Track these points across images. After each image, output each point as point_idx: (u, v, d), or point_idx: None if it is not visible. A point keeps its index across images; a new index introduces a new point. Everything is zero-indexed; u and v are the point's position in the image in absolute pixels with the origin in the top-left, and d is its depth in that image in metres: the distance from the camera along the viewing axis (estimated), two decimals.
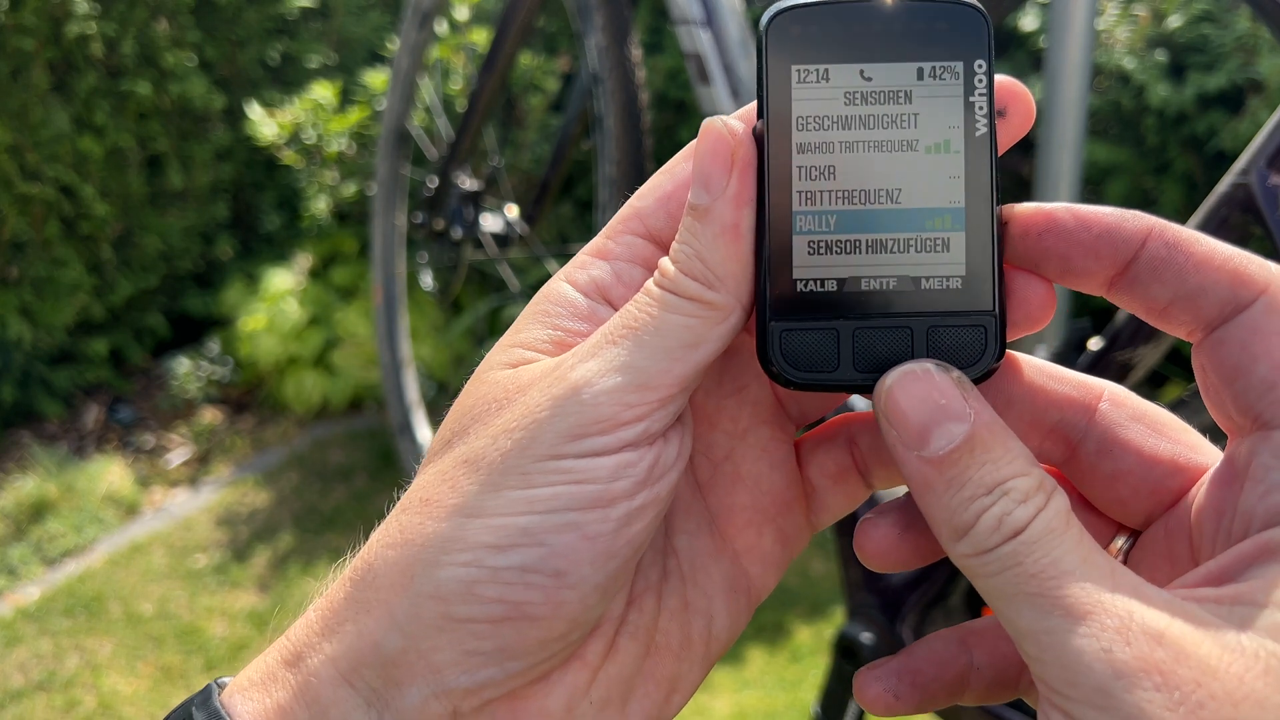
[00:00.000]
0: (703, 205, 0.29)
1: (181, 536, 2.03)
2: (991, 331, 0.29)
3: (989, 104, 0.29)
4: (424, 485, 0.29)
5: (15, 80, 2.21)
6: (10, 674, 1.66)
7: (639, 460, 0.28)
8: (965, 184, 0.29)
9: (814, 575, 1.84)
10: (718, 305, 0.29)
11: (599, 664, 0.30)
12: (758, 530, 0.33)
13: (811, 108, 0.29)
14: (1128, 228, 0.28)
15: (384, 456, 2.26)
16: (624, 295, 0.31)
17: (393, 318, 1.93)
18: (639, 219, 0.31)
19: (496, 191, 1.72)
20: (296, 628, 0.30)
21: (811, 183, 0.29)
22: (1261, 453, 0.27)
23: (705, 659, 0.32)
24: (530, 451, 0.28)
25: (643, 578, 0.32)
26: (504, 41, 1.47)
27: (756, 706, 1.55)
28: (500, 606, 0.27)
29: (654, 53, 2.34)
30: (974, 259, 0.29)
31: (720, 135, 0.29)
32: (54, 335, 2.38)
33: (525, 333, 0.31)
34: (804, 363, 0.29)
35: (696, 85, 1.05)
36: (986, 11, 0.30)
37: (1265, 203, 0.66)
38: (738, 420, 0.33)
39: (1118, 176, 2.05)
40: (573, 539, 0.27)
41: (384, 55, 2.55)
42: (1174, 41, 1.94)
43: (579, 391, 0.28)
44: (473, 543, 0.27)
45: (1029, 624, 0.25)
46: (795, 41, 0.29)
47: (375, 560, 0.29)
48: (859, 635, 0.88)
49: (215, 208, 2.64)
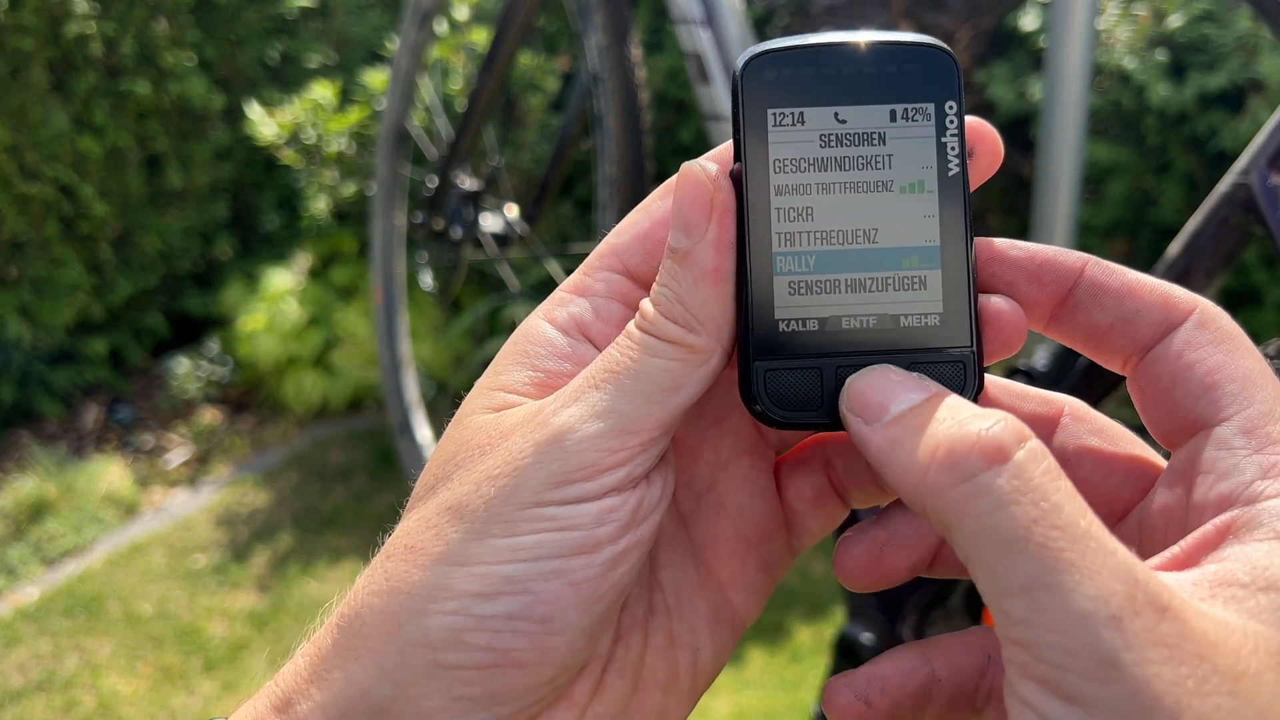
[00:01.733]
0: (682, 249, 0.29)
1: (181, 536, 2.03)
2: (970, 366, 0.30)
3: (960, 144, 0.30)
4: (409, 532, 0.29)
5: (15, 80, 2.21)
6: (10, 674, 1.66)
7: (622, 505, 0.28)
8: (940, 223, 0.30)
9: (814, 575, 1.84)
10: (699, 348, 0.29)
11: (586, 704, 0.30)
12: (741, 560, 0.33)
13: (788, 150, 0.30)
14: (1066, 258, 0.30)
15: (384, 456, 2.26)
16: (603, 332, 0.31)
17: (392, 318, 1.93)
18: (616, 256, 0.31)
19: (496, 191, 1.72)
20: (285, 673, 0.30)
21: (790, 224, 0.30)
22: (1205, 448, 0.27)
23: (692, 692, 0.33)
24: (514, 499, 0.28)
25: (628, 615, 0.32)
26: (504, 41, 1.47)
27: (756, 706, 1.55)
28: (488, 654, 0.27)
29: (654, 53, 2.34)
30: (950, 296, 0.30)
31: (699, 180, 0.29)
32: (53, 335, 2.38)
33: (506, 374, 0.31)
34: (788, 402, 0.30)
35: (696, 85, 1.05)
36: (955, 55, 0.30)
37: (1265, 203, 0.66)
38: (719, 451, 0.34)
39: (1118, 176, 2.05)
40: (558, 586, 0.28)
41: (384, 55, 2.55)
42: (1174, 41, 1.94)
43: (562, 438, 0.28)
44: (459, 591, 0.28)
45: (1023, 578, 0.23)
46: (770, 85, 0.30)
47: (362, 608, 0.29)
48: (859, 635, 0.88)
49: (215, 207, 2.64)
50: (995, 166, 0.31)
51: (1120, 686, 0.22)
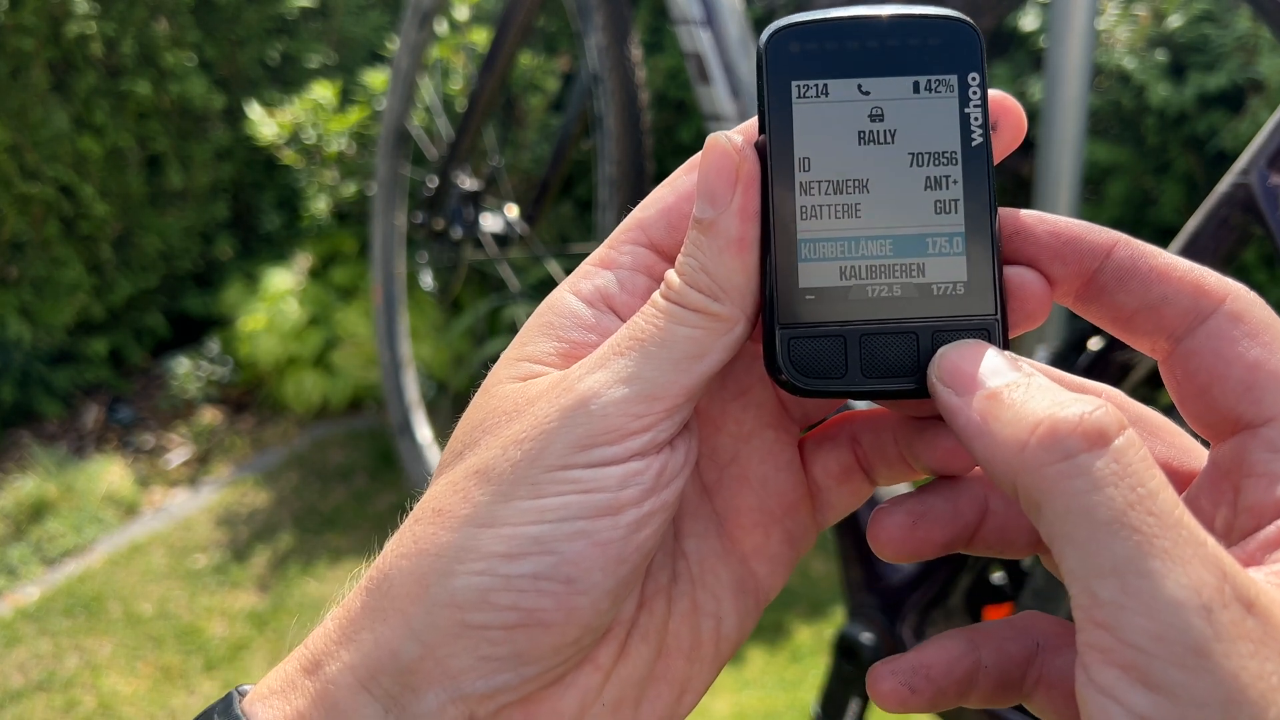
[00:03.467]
0: (708, 219, 0.30)
1: (181, 536, 2.03)
2: (995, 334, 0.30)
3: (984, 114, 0.30)
4: (436, 496, 0.30)
5: (15, 80, 2.21)
6: (10, 674, 1.66)
7: (646, 469, 0.29)
8: (964, 191, 0.30)
9: (814, 575, 1.84)
10: (723, 317, 0.29)
11: (611, 666, 0.31)
12: (765, 531, 0.34)
13: (812, 121, 0.30)
14: (1094, 236, 0.29)
15: (384, 456, 2.26)
16: (628, 303, 0.31)
17: (393, 318, 1.93)
18: (641, 229, 0.32)
19: (496, 191, 1.72)
20: (315, 636, 0.31)
21: (814, 195, 0.30)
22: (1253, 450, 0.27)
23: (715, 660, 0.33)
24: (540, 462, 0.28)
25: (653, 581, 0.32)
26: (504, 41, 1.47)
27: (756, 706, 1.55)
28: (514, 614, 0.28)
29: (654, 53, 2.34)
30: (975, 264, 0.30)
31: (725, 150, 0.30)
32: (54, 335, 2.38)
33: (531, 345, 0.31)
34: (812, 370, 0.30)
35: (696, 85, 1.05)
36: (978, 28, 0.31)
37: (1265, 203, 0.66)
38: (742, 424, 0.34)
39: (1118, 176, 2.05)
40: (583, 546, 0.28)
41: (384, 55, 2.55)
42: (1174, 41, 1.94)
43: (587, 403, 0.28)
44: (486, 552, 0.28)
45: (1116, 560, 0.23)
46: (794, 58, 0.30)
47: (390, 570, 0.30)
48: (859, 635, 0.88)
49: (215, 208, 2.64)
50: (1019, 140, 0.31)
51: (1209, 677, 0.22)
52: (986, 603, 0.88)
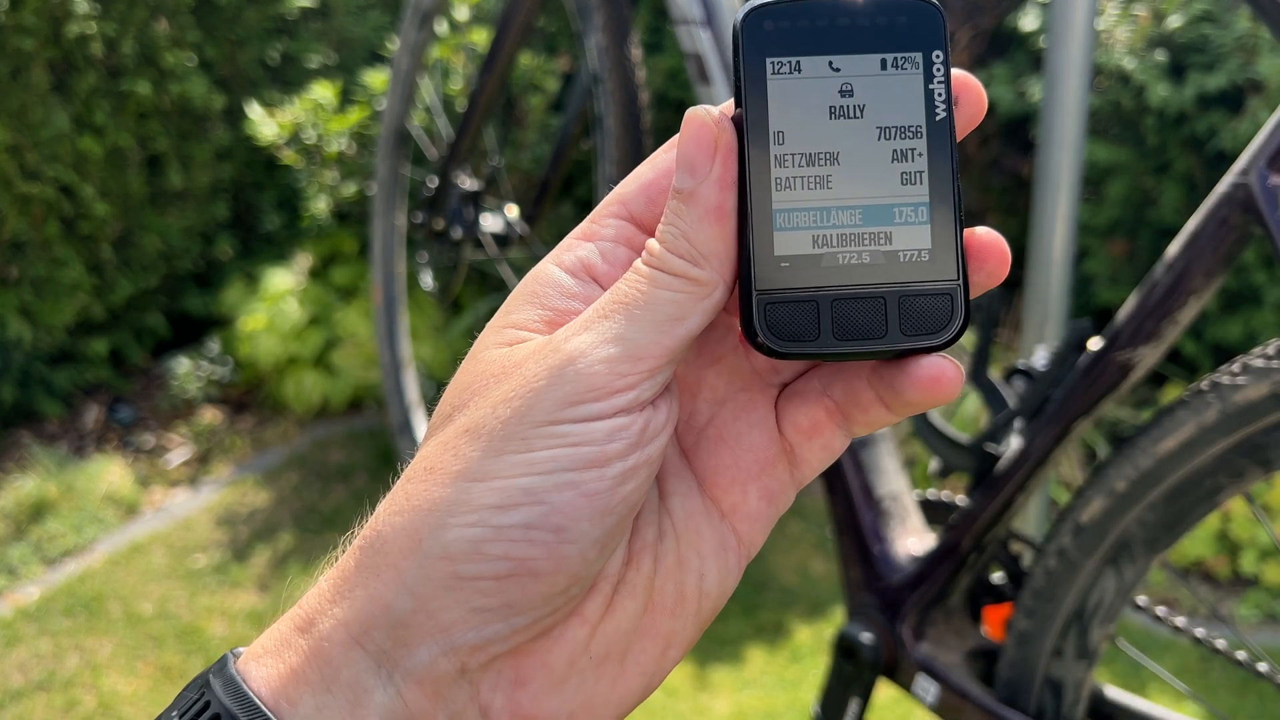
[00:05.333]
0: (688, 189, 0.31)
1: (181, 536, 2.03)
2: (957, 299, 0.32)
3: (947, 90, 0.32)
4: (427, 455, 0.31)
5: (15, 80, 2.21)
6: (10, 674, 1.66)
7: (631, 424, 0.30)
8: (929, 163, 0.32)
9: (814, 575, 1.84)
10: (703, 281, 0.31)
11: (598, 620, 0.32)
12: (742, 489, 0.35)
13: (786, 96, 0.32)
14: None
15: (384, 456, 2.26)
16: (609, 273, 0.33)
17: (393, 318, 1.93)
18: (621, 203, 0.34)
19: (496, 191, 1.72)
20: (308, 596, 0.32)
21: (788, 167, 0.31)
22: None
23: (698, 616, 0.34)
24: (529, 418, 0.30)
25: (639, 538, 0.33)
26: (504, 41, 1.47)
27: (756, 706, 1.55)
28: (505, 564, 0.29)
29: (654, 53, 2.34)
30: (939, 233, 0.32)
31: (703, 123, 0.31)
32: (54, 335, 2.38)
33: (517, 314, 0.33)
34: (787, 333, 0.31)
35: (696, 85, 1.05)
36: (941, 8, 0.32)
37: (1265, 203, 0.66)
38: (716, 389, 0.36)
39: (1118, 176, 2.05)
40: (572, 497, 0.29)
41: (384, 55, 2.55)
42: (1174, 41, 1.94)
43: (574, 361, 0.30)
44: (477, 504, 0.29)
45: None
46: (769, 36, 0.32)
47: (383, 527, 0.31)
48: (859, 635, 0.88)
49: (215, 208, 2.64)
50: (979, 117, 0.33)
51: None
52: (986, 602, 0.88)
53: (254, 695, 0.29)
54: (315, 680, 0.30)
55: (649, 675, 0.33)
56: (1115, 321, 0.76)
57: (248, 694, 0.29)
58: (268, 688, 0.30)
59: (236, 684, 0.30)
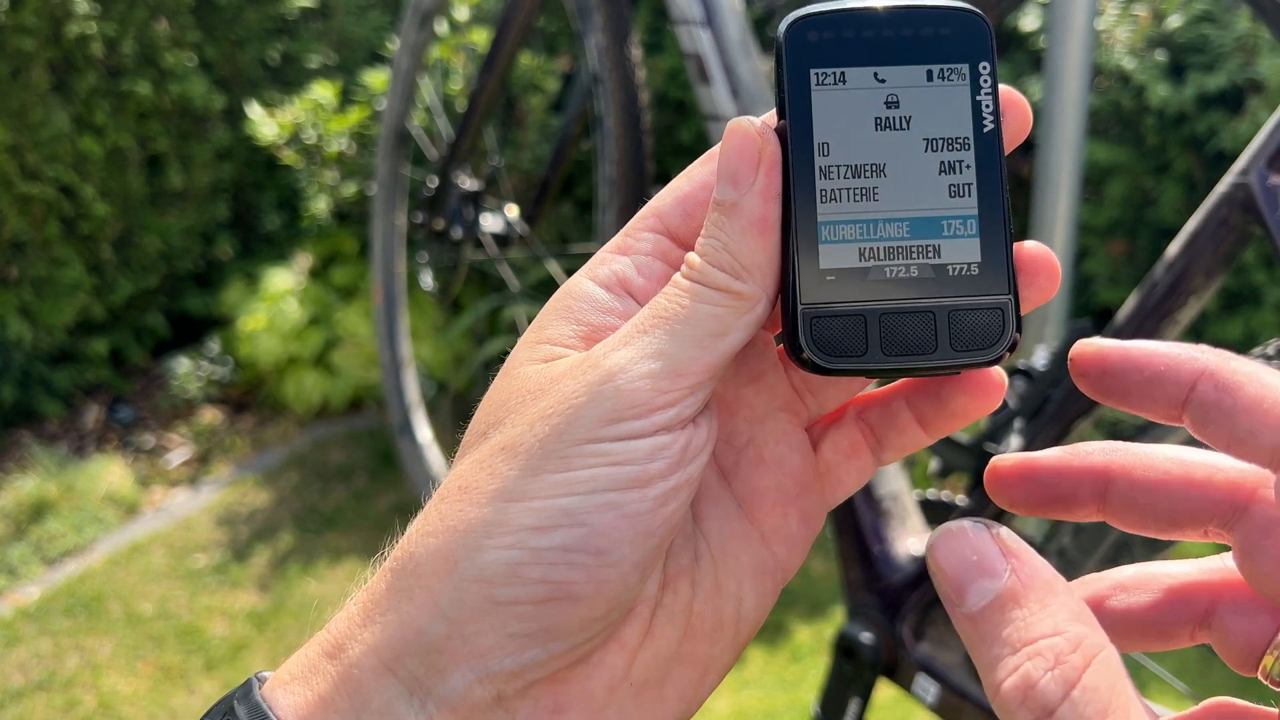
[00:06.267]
0: (730, 200, 0.30)
1: (181, 536, 2.03)
2: (1008, 313, 0.31)
3: (994, 102, 0.31)
4: (462, 474, 0.30)
5: (15, 80, 2.21)
6: (10, 674, 1.66)
7: (673, 443, 0.29)
8: (977, 175, 0.31)
9: (814, 575, 1.84)
10: (745, 295, 0.30)
11: (637, 646, 0.31)
12: (782, 512, 0.34)
13: (830, 108, 0.31)
14: (1179, 371, 0.28)
15: (384, 456, 2.26)
16: (645, 288, 0.32)
17: (393, 318, 1.93)
18: (657, 217, 0.32)
19: (496, 191, 1.72)
20: (337, 620, 0.31)
21: (833, 179, 0.31)
22: None
23: (735, 641, 0.33)
24: (568, 436, 0.28)
25: (675, 562, 0.32)
26: (504, 41, 1.47)
27: (756, 706, 1.55)
28: (544, 587, 0.28)
29: (654, 53, 2.34)
30: (989, 245, 0.31)
31: (747, 133, 0.30)
32: (54, 335, 2.38)
33: (551, 329, 0.32)
34: (833, 349, 0.31)
35: (696, 85, 1.05)
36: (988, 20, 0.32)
37: (1265, 203, 0.66)
38: (755, 408, 0.34)
39: (1118, 176, 2.05)
40: (613, 518, 0.28)
41: (384, 55, 2.55)
42: (1174, 41, 1.94)
43: (614, 377, 0.29)
44: (515, 525, 0.28)
45: None
46: (813, 47, 0.31)
47: (416, 549, 0.29)
48: (859, 635, 0.88)
49: (215, 208, 2.64)
50: (1024, 133, 0.32)
51: None
52: None
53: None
54: (345, 708, 0.29)
55: (688, 702, 0.32)
56: (1115, 321, 0.76)
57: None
58: (295, 716, 0.29)
59: (262, 711, 0.29)
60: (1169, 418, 0.29)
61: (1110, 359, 0.29)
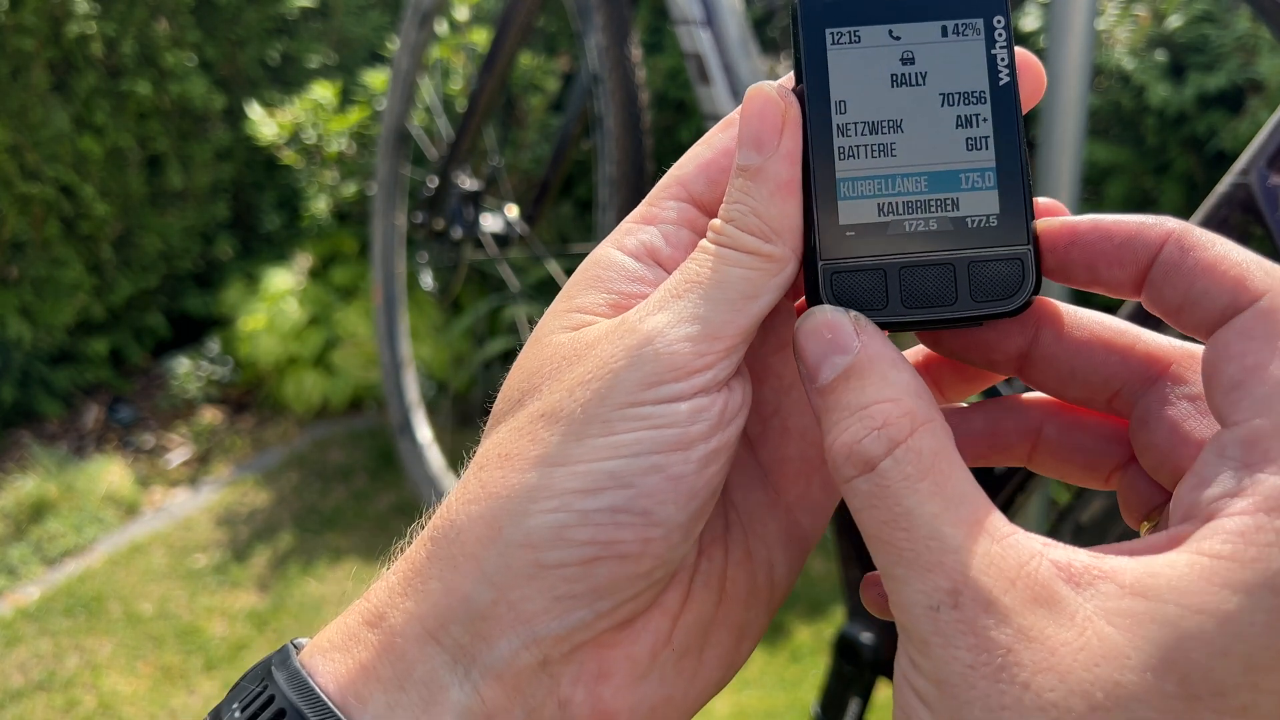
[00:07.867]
0: (754, 165, 0.31)
1: (181, 536, 2.03)
2: (1028, 264, 0.31)
3: (1010, 55, 0.31)
4: (501, 442, 0.30)
5: (15, 80, 2.21)
6: (10, 674, 1.66)
7: (711, 405, 0.29)
8: (994, 129, 0.31)
9: (814, 575, 1.84)
10: (775, 257, 0.30)
11: (678, 612, 0.32)
12: (807, 480, 0.35)
13: (846, 67, 0.31)
14: (1148, 234, 0.29)
15: (384, 456, 2.26)
16: (673, 256, 0.32)
17: (393, 318, 1.93)
18: (681, 185, 0.33)
19: (496, 191, 1.72)
20: (376, 589, 0.31)
21: (851, 136, 0.31)
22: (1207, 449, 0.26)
23: (769, 605, 0.34)
24: (610, 400, 0.29)
25: (708, 530, 0.33)
26: (504, 41, 1.47)
27: (756, 706, 1.55)
28: (591, 548, 0.28)
29: (654, 53, 2.34)
30: (1007, 197, 0.31)
31: (769, 97, 0.31)
32: (54, 335, 2.38)
33: (580, 298, 0.32)
34: (854, 303, 0.31)
35: (696, 85, 1.05)
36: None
37: (1265, 203, 0.66)
38: (782, 376, 0.35)
39: (1118, 176, 2.05)
40: (658, 480, 0.28)
41: (384, 55, 2.55)
42: (1174, 41, 1.94)
43: (652, 341, 0.29)
44: (560, 489, 0.28)
45: (881, 566, 0.26)
46: (827, 6, 0.31)
47: (457, 516, 0.30)
48: (859, 635, 0.88)
49: (215, 208, 2.64)
50: (1039, 94, 0.32)
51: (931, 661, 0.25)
52: None
53: (321, 691, 0.28)
54: (388, 677, 0.29)
55: (725, 667, 0.33)
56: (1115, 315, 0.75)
57: (314, 689, 0.28)
58: (335, 684, 0.29)
59: (302, 678, 0.29)
60: (1130, 291, 0.30)
61: (1080, 228, 0.30)
